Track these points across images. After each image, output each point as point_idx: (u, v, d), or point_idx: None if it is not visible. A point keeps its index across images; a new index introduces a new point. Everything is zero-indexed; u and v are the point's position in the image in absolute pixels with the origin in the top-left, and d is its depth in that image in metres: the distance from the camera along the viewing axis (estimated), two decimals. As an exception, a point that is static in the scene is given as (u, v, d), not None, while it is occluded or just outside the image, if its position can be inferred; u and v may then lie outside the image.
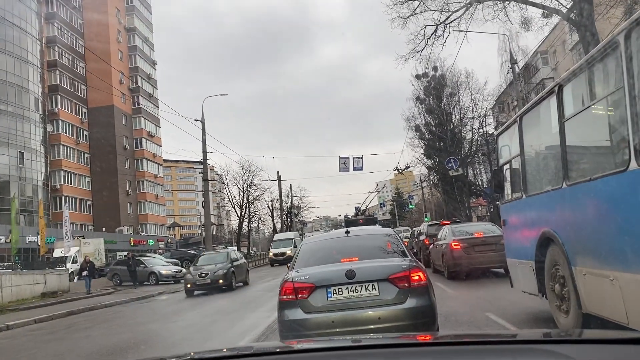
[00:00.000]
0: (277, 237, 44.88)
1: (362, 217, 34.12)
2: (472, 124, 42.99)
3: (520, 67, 30.90)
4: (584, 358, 1.24)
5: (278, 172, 54.04)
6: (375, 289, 5.37)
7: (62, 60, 56.76)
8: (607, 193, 4.62)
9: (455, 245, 14.04)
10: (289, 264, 6.73)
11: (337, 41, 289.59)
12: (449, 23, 20.47)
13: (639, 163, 3.97)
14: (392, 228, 30.15)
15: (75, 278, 24.31)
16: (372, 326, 5.18)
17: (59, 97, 55.76)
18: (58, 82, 55.93)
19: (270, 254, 39.41)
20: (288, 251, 36.40)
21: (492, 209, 38.72)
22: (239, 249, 62.35)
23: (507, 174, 7.88)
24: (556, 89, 5.66)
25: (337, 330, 5.19)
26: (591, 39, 15.66)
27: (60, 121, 55.55)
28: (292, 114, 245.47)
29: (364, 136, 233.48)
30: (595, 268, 4.91)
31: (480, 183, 45.63)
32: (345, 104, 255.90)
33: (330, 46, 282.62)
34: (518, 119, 7.09)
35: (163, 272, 27.76)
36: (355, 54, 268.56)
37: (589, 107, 5.17)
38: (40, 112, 51.56)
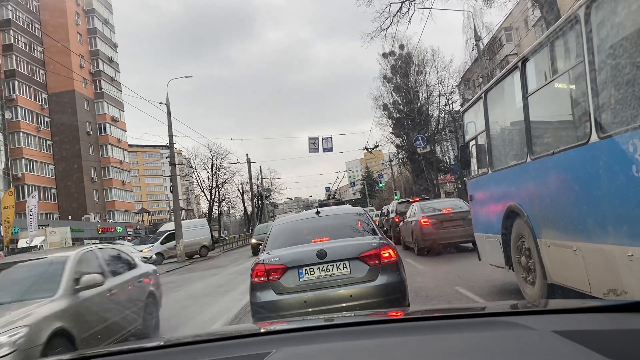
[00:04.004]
0: None
1: (332, 201, 35.77)
2: (439, 102, 43.57)
3: (484, 44, 31.20)
4: (545, 328, 1.26)
5: (247, 154, 53.70)
6: (346, 267, 5.41)
7: (18, 44, 54.59)
8: (570, 166, 4.71)
9: (424, 221, 14.23)
10: (260, 246, 6.72)
11: (285, 25, 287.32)
12: (413, 0, 20.50)
13: (599, 136, 4.05)
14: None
15: None
16: (344, 304, 5.22)
17: (16, 82, 53.72)
18: (15, 67, 53.80)
19: None
20: None
21: (459, 185, 39.37)
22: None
23: (473, 150, 7.98)
24: (519, 64, 5.72)
25: (310, 309, 5.22)
26: (552, 15, 15.87)
27: (19, 108, 53.60)
28: (249, 98, 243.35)
29: (325, 118, 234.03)
30: (559, 239, 5.04)
31: (447, 160, 46.32)
32: (301, 87, 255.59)
33: (277, 31, 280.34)
34: (483, 95, 7.16)
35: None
36: (303, 37, 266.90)
37: (551, 81, 5.24)
38: (-3, 99, 49.72)
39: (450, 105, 42.81)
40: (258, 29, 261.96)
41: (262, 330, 1.89)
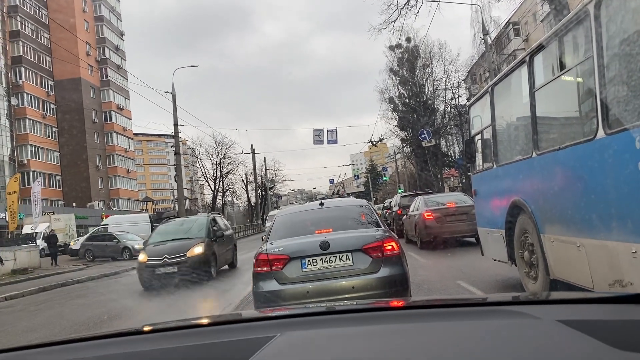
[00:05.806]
0: None
1: (336, 196, 36.85)
2: (445, 95, 43.36)
3: (492, 38, 31.02)
4: (549, 317, 1.27)
5: (252, 145, 53.73)
6: (349, 259, 5.42)
7: (25, 30, 54.61)
8: (576, 162, 4.70)
9: (427, 215, 14.23)
10: (263, 237, 6.75)
11: (285, 18, 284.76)
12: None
13: (606, 132, 4.03)
14: None
15: None
16: (346, 295, 5.24)
17: (23, 69, 53.85)
18: (21, 54, 53.89)
19: None
20: None
21: (464, 180, 39.30)
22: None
23: (479, 144, 7.96)
24: (527, 59, 5.69)
25: (312, 300, 5.24)
26: (561, 10, 15.77)
27: (25, 94, 53.77)
28: (253, 91, 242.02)
29: (329, 111, 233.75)
30: (563, 235, 5.03)
31: (452, 154, 46.21)
32: (305, 80, 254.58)
33: (277, 24, 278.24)
34: (490, 89, 7.13)
35: (137, 246, 27.47)
36: (305, 31, 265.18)
37: (559, 76, 5.22)
38: (4, 85, 49.80)
39: (457, 99, 42.69)
40: (257, 23, 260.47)
41: (267, 315, 1.91)
